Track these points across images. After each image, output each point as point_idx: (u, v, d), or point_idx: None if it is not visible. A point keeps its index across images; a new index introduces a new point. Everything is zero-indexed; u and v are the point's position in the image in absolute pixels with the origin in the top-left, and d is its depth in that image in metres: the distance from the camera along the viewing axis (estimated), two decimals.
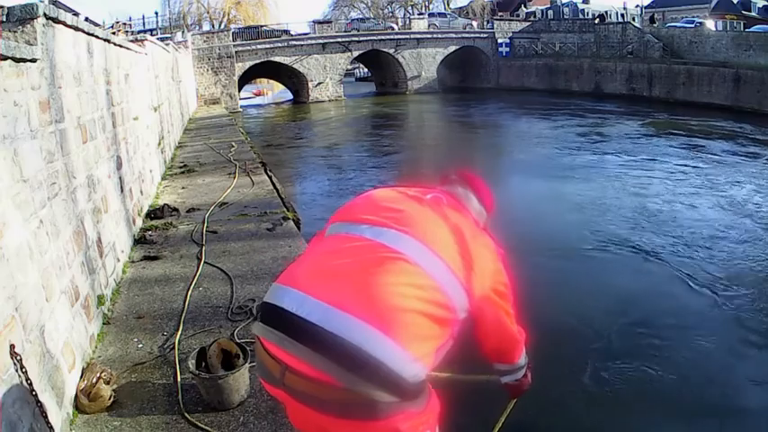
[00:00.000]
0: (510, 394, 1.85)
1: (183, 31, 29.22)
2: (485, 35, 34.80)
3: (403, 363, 1.19)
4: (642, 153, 12.83)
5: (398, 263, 1.30)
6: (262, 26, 32.67)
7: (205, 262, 4.29)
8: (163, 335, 3.16)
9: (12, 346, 1.88)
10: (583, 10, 44.75)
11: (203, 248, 4.62)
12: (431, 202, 1.49)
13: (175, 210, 5.85)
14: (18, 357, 1.88)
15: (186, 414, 2.41)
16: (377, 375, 1.16)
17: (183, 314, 3.39)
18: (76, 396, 2.45)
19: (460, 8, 47.57)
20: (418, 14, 40.14)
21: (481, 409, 2.59)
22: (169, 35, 24.76)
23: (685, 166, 11.37)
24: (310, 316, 1.21)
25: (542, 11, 45.35)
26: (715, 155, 12.56)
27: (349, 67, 36.33)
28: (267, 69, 31.29)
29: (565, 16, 42.29)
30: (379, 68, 36.71)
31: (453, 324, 1.34)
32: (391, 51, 32.15)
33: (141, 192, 5.66)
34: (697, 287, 5.50)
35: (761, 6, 37.64)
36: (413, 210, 1.44)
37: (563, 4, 45.97)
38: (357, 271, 1.28)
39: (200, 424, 2.34)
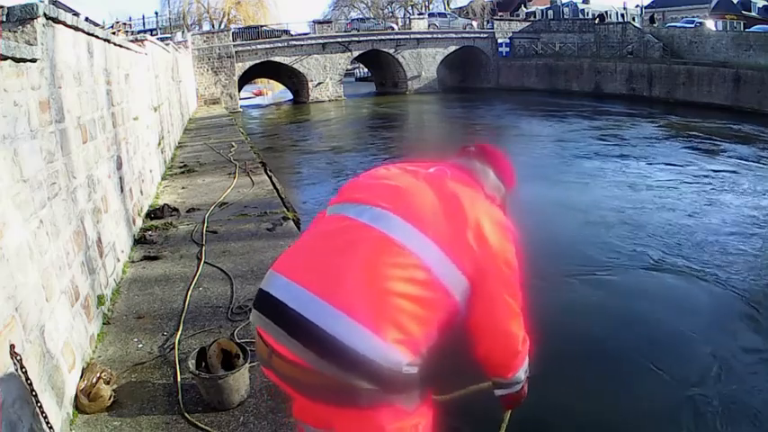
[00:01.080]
0: (503, 406, 1.69)
1: (183, 31, 29.22)
2: (485, 35, 34.81)
3: (378, 349, 1.16)
4: (659, 157, 12.49)
5: (378, 242, 1.27)
6: (262, 26, 32.68)
7: (205, 262, 4.29)
8: (163, 335, 3.16)
9: (12, 346, 1.88)
10: (583, 10, 44.75)
11: (203, 248, 4.62)
12: (429, 176, 1.42)
13: (175, 210, 5.85)
14: (18, 357, 1.88)
15: (186, 414, 2.41)
16: (352, 362, 1.16)
17: (183, 314, 3.39)
18: (76, 396, 2.45)
19: (460, 8, 47.56)
20: (418, 14, 40.14)
21: (478, 421, 2.56)
22: (169, 35, 24.76)
23: (707, 171, 11.00)
24: (291, 302, 1.23)
25: (542, 11, 45.35)
26: (730, 158, 12.30)
27: (349, 67, 36.34)
28: (267, 69, 31.30)
29: (565, 16, 42.29)
30: (379, 68, 36.71)
31: (446, 306, 1.27)
32: (391, 51, 32.15)
33: (141, 192, 5.66)
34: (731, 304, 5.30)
35: (761, 6, 37.63)
36: (405, 185, 1.38)
37: (563, 4, 45.97)
38: (336, 254, 1.27)
39: (200, 424, 2.34)
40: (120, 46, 5.21)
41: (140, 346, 3.04)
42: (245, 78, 31.53)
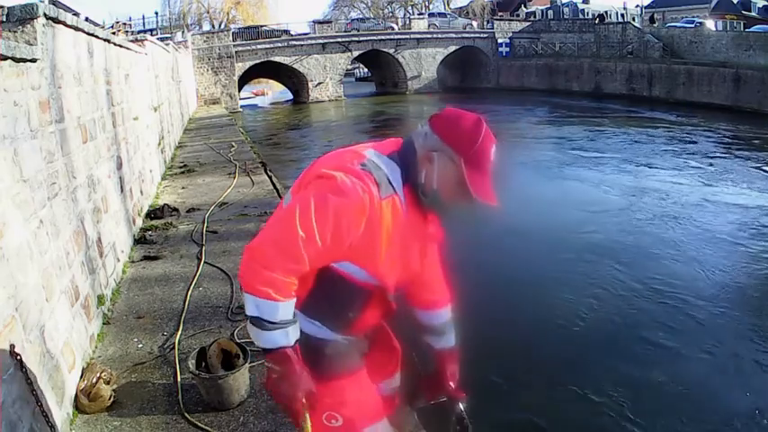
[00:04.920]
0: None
1: (183, 31, 29.23)
2: (485, 35, 34.79)
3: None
4: (657, 157, 12.30)
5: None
6: (262, 26, 32.67)
7: (205, 262, 4.29)
8: (163, 335, 3.16)
9: (12, 346, 1.88)
10: (583, 10, 44.72)
11: (203, 248, 4.62)
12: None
13: (175, 210, 5.85)
14: (18, 357, 1.88)
15: (186, 414, 2.41)
16: None
17: (183, 314, 3.39)
18: (76, 396, 2.45)
19: (460, 8, 47.54)
20: (418, 14, 40.12)
21: None
22: (169, 35, 24.76)
23: (709, 170, 10.80)
24: None
25: (542, 11, 45.33)
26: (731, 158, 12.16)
27: (349, 67, 36.31)
28: (267, 69, 31.28)
29: (565, 16, 42.27)
30: (379, 68, 36.71)
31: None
32: (391, 51, 32.14)
33: (141, 192, 5.66)
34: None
35: (761, 6, 37.60)
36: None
37: (563, 4, 45.94)
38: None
39: (200, 424, 2.34)
40: (120, 46, 5.21)
41: (140, 346, 3.04)
42: (245, 78, 31.52)
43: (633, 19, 37.30)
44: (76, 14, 6.96)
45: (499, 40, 33.81)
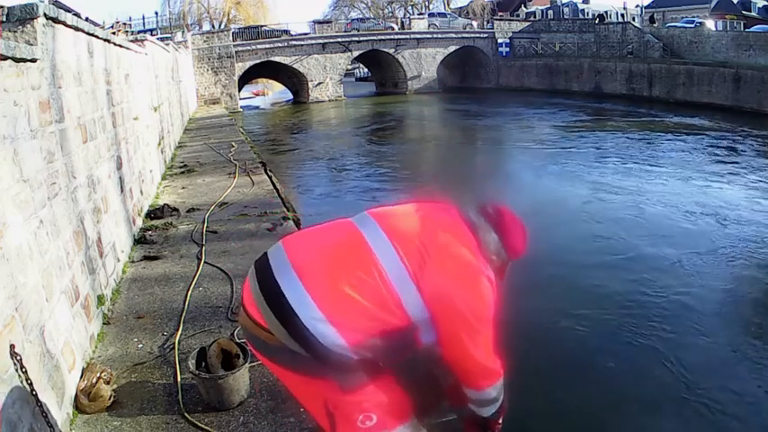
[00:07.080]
0: (466, 425, 1.73)
1: (183, 31, 29.21)
2: (485, 35, 34.79)
3: (315, 320, 1.36)
4: (656, 158, 12.23)
5: (353, 237, 1.50)
6: (262, 26, 32.67)
7: (205, 262, 4.29)
8: (163, 335, 3.16)
9: (12, 346, 1.88)
10: (583, 10, 44.76)
11: (203, 248, 4.62)
12: (424, 208, 1.60)
13: (175, 210, 5.85)
14: (18, 357, 1.88)
15: (186, 414, 2.41)
16: (289, 321, 1.36)
17: (183, 314, 3.39)
18: (76, 396, 2.45)
19: (460, 8, 47.56)
20: (418, 14, 40.12)
21: None
22: (169, 35, 24.73)
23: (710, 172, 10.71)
24: (272, 260, 1.49)
25: (542, 11, 45.38)
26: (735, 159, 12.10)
27: (349, 67, 36.30)
28: (267, 69, 31.28)
29: (565, 16, 42.29)
30: (379, 68, 36.70)
31: (396, 312, 1.41)
32: (391, 51, 32.14)
33: (141, 192, 5.66)
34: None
35: (761, 6, 37.63)
36: (398, 208, 1.61)
37: (563, 4, 45.98)
38: (322, 238, 1.55)
39: (200, 424, 2.34)
40: (120, 46, 5.21)
41: (140, 346, 3.04)
42: (245, 78, 31.51)
43: (633, 19, 37.30)
44: (77, 14, 6.96)
45: (499, 40, 33.81)
